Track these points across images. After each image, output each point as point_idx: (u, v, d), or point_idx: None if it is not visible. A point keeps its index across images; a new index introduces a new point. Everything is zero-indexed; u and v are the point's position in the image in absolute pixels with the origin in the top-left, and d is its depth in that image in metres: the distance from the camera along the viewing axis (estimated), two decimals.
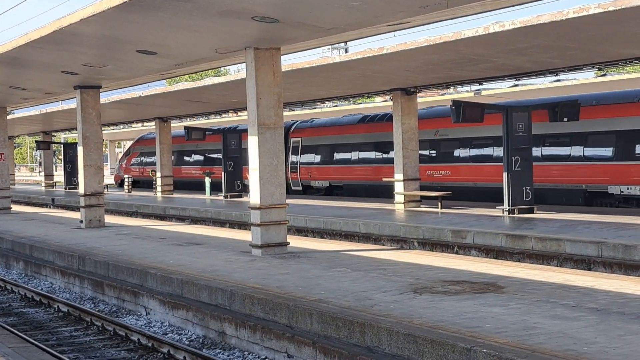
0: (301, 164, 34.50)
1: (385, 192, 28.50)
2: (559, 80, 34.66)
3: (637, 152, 21.58)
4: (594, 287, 10.59)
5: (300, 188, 34.73)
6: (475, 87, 34.82)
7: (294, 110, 43.75)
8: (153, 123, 39.55)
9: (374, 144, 30.88)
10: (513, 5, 13.07)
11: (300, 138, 34.77)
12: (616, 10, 14.21)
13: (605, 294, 10.11)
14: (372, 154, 31.04)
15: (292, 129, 35.45)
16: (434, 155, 28.07)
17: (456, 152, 27.22)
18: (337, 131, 33.16)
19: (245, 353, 10.38)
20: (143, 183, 46.41)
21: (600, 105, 22.70)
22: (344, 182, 32.67)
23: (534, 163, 21.61)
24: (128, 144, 69.90)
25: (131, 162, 48.83)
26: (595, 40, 17.23)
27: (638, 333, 7.88)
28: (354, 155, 31.82)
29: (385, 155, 29.87)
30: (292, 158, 34.77)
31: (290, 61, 27.28)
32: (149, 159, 45.45)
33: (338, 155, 32.74)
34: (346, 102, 47.18)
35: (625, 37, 16.74)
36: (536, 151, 22.94)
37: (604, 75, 33.84)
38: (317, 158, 33.80)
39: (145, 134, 50.15)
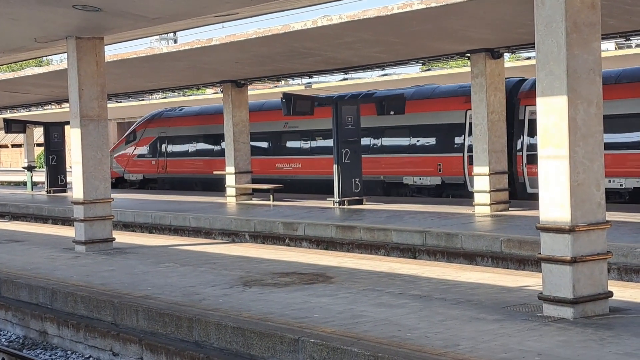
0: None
1: None
2: (386, 75, 35.58)
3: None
4: (418, 275, 10.89)
5: None
6: (306, 80, 35.21)
7: (120, 102, 42.60)
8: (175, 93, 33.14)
9: None
10: None
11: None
12: (438, 6, 14.66)
13: (428, 281, 10.41)
14: None
15: (522, 88, 21.49)
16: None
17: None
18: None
19: (69, 352, 10.00)
20: (164, 182, 32.47)
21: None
22: None
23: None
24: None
25: (138, 153, 33.55)
26: (419, 35, 17.74)
27: (458, 318, 8.15)
28: None
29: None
30: (529, 140, 20.76)
31: (115, 51, 26.49)
32: (178, 147, 31.66)
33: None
34: (175, 94, 46.53)
35: (447, 33, 17.33)
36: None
37: (429, 70, 35.07)
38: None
39: (165, 110, 34.09)
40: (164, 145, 32.05)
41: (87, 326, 9.87)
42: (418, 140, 23.35)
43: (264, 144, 28.08)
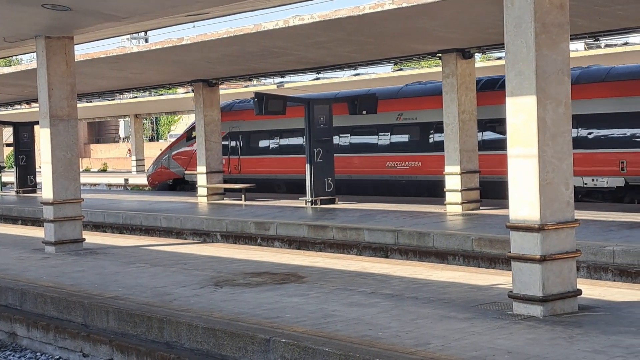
0: None
1: None
2: (358, 74, 35.66)
3: None
4: (390, 274, 10.92)
5: None
6: (278, 79, 35.20)
7: (91, 102, 42.32)
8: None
9: None
10: None
11: None
12: (409, 6, 14.70)
13: (400, 280, 10.44)
14: None
15: None
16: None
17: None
18: None
19: (38, 354, 9.90)
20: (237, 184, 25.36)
21: None
22: None
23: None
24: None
25: None
26: (391, 35, 17.77)
27: (429, 317, 8.18)
28: None
29: None
30: None
31: (85, 50, 26.20)
32: (255, 144, 27.41)
33: None
34: (147, 93, 46.29)
35: (419, 32, 17.39)
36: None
37: (401, 69, 35.18)
38: None
39: (236, 101, 29.60)
40: (236, 142, 27.78)
41: (57, 327, 9.78)
42: (590, 133, 19.23)
43: (371, 139, 24.02)
